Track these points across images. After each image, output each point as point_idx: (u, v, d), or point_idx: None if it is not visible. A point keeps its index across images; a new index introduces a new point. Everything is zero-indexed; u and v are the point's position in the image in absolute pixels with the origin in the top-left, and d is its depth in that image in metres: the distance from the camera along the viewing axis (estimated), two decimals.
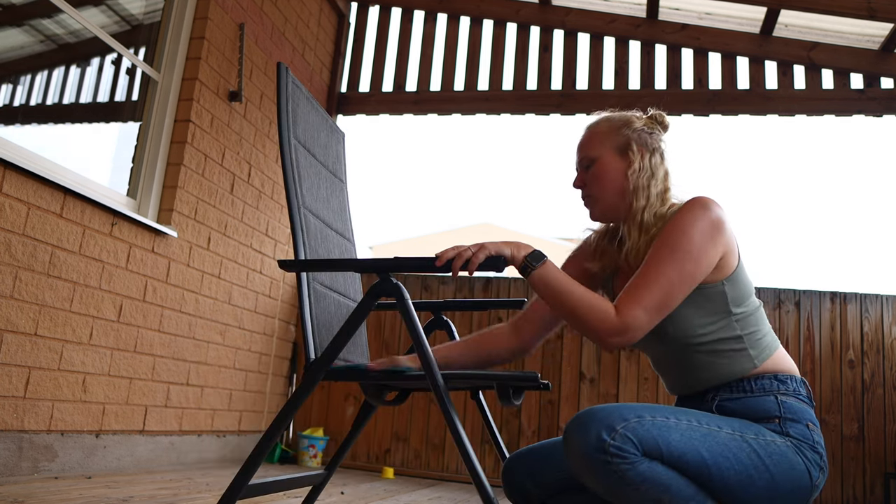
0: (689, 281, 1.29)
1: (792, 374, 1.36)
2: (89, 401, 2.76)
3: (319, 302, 1.57)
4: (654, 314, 1.27)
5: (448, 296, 4.20)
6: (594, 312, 1.28)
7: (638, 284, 1.29)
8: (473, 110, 4.62)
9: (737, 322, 1.34)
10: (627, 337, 1.27)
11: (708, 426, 1.23)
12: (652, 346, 1.44)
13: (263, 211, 3.89)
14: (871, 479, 3.52)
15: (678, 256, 1.28)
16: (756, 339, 1.35)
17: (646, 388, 3.82)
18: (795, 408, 1.31)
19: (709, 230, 1.30)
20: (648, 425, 1.18)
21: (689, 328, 1.35)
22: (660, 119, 1.49)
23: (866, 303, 3.69)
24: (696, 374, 1.37)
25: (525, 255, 1.32)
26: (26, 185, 2.44)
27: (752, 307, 1.37)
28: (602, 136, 1.47)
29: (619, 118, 1.49)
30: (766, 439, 1.25)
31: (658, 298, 1.27)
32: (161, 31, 3.33)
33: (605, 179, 1.45)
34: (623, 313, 1.26)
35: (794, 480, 1.25)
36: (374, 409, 1.78)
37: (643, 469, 1.16)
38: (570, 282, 1.31)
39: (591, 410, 1.20)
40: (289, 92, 1.64)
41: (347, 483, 3.29)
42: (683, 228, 1.30)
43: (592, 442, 1.15)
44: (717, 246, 1.31)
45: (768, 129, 70.79)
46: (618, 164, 1.44)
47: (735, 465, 1.21)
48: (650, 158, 1.43)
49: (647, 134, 1.46)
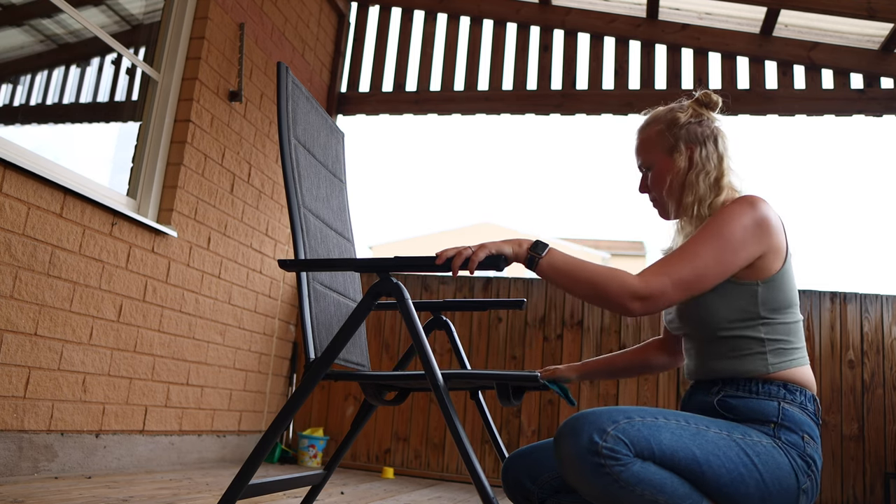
0: (722, 268, 1.28)
1: (805, 388, 1.33)
2: (89, 401, 2.76)
3: (319, 302, 1.57)
4: (681, 289, 1.27)
5: (448, 296, 4.20)
6: (614, 278, 1.27)
7: (670, 259, 1.30)
8: (473, 110, 4.62)
9: (763, 326, 1.33)
10: (650, 303, 1.26)
11: (696, 425, 1.24)
12: (684, 328, 1.45)
13: (263, 211, 3.89)
14: (871, 479, 3.52)
15: (717, 242, 1.28)
16: (780, 350, 1.33)
17: (646, 389, 3.82)
18: (796, 418, 1.29)
19: (752, 226, 1.30)
20: (639, 425, 1.18)
21: (715, 320, 1.35)
22: (706, 101, 1.48)
23: (866, 303, 3.69)
24: (710, 363, 1.38)
25: (528, 247, 1.33)
26: (26, 185, 2.44)
27: (788, 318, 1.34)
28: (652, 142, 1.49)
29: (665, 118, 1.49)
30: (752, 439, 1.25)
31: (688, 275, 1.27)
32: (161, 30, 3.33)
33: (662, 182, 1.47)
34: (648, 279, 1.26)
35: (781, 480, 1.24)
36: (373, 408, 1.78)
37: (636, 469, 1.16)
38: (580, 260, 1.32)
39: (581, 415, 1.20)
40: (289, 92, 1.64)
41: (347, 483, 3.29)
42: (727, 219, 1.31)
43: (584, 445, 1.15)
44: (758, 243, 1.31)
45: (768, 129, 70.76)
46: (671, 164, 1.46)
47: (726, 463, 1.21)
48: (700, 151, 1.44)
49: (695, 125, 1.46)
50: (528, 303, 4.08)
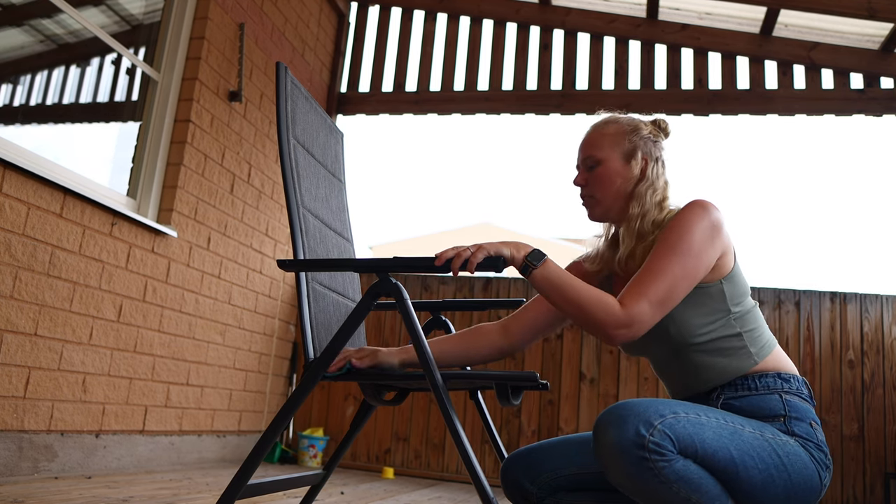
0: (691, 277, 1.30)
1: (793, 373, 1.38)
2: (89, 401, 2.76)
3: (318, 302, 1.57)
4: (658, 308, 1.28)
5: (448, 296, 4.20)
6: (599, 306, 1.28)
7: (642, 279, 1.30)
8: (473, 110, 4.62)
9: (735, 320, 1.36)
10: (633, 330, 1.27)
11: (733, 424, 1.24)
12: (653, 349, 1.44)
13: (263, 211, 3.89)
14: (871, 479, 3.52)
15: (681, 253, 1.30)
16: (755, 337, 1.37)
17: (646, 389, 3.82)
18: (799, 407, 1.32)
19: (709, 231, 1.33)
20: (684, 422, 1.17)
21: (689, 328, 1.36)
22: (663, 126, 1.51)
23: (866, 303, 3.69)
24: (699, 375, 1.38)
25: (525, 254, 1.32)
26: (26, 185, 2.44)
27: (748, 305, 1.40)
28: (610, 140, 1.48)
29: (628, 123, 1.50)
30: (781, 439, 1.26)
31: (662, 293, 1.28)
32: (161, 31, 3.33)
33: (608, 183, 1.46)
34: (628, 306, 1.27)
35: (807, 480, 1.25)
36: (373, 408, 1.78)
37: (679, 467, 1.15)
38: (572, 278, 1.31)
39: (626, 404, 1.18)
40: (287, 92, 1.64)
41: (347, 483, 3.30)
42: (685, 228, 1.32)
43: (630, 437, 1.14)
44: (715, 246, 1.34)
45: (768, 129, 70.75)
46: (622, 169, 1.46)
47: (759, 464, 1.21)
48: (653, 168, 1.46)
49: (652, 142, 1.48)
50: (524, 304, 4.07)
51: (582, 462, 1.46)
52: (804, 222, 41.65)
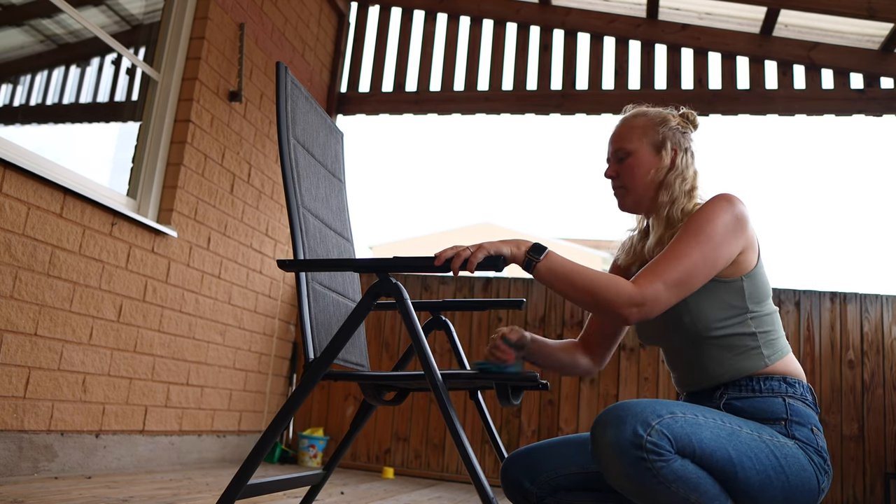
0: (709, 265, 1.30)
1: (800, 378, 1.37)
2: (89, 401, 2.76)
3: (318, 302, 1.57)
4: (674, 290, 1.28)
5: (448, 296, 4.20)
6: (611, 286, 1.28)
7: (659, 262, 1.31)
8: (473, 110, 4.62)
9: (752, 320, 1.36)
10: (646, 309, 1.27)
11: (731, 425, 1.24)
12: (667, 338, 1.45)
13: (263, 211, 3.89)
14: (871, 479, 3.52)
15: (701, 240, 1.30)
16: (770, 340, 1.37)
17: (646, 389, 3.82)
18: (802, 412, 1.32)
19: (732, 223, 1.33)
20: (682, 422, 1.18)
21: (705, 320, 1.36)
22: (691, 118, 1.54)
23: (866, 303, 3.69)
24: (708, 369, 1.38)
25: (526, 250, 1.32)
26: (26, 185, 2.44)
27: (768, 309, 1.39)
28: (640, 131, 1.50)
29: (657, 115, 1.52)
30: (779, 441, 1.26)
31: (678, 275, 1.28)
32: (161, 31, 3.33)
33: (639, 173, 1.48)
34: (643, 285, 1.27)
35: (805, 482, 1.25)
36: (373, 408, 1.78)
37: (676, 467, 1.15)
38: (577, 265, 1.32)
39: (624, 405, 1.19)
40: (287, 92, 1.64)
41: (347, 483, 3.30)
42: (708, 217, 1.33)
43: (628, 437, 1.14)
44: (738, 239, 1.34)
45: (768, 129, 70.77)
46: (652, 159, 1.48)
47: (756, 465, 1.21)
48: (682, 158, 1.48)
49: (680, 133, 1.51)
50: (527, 303, 4.08)
51: (582, 462, 1.46)
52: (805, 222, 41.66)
